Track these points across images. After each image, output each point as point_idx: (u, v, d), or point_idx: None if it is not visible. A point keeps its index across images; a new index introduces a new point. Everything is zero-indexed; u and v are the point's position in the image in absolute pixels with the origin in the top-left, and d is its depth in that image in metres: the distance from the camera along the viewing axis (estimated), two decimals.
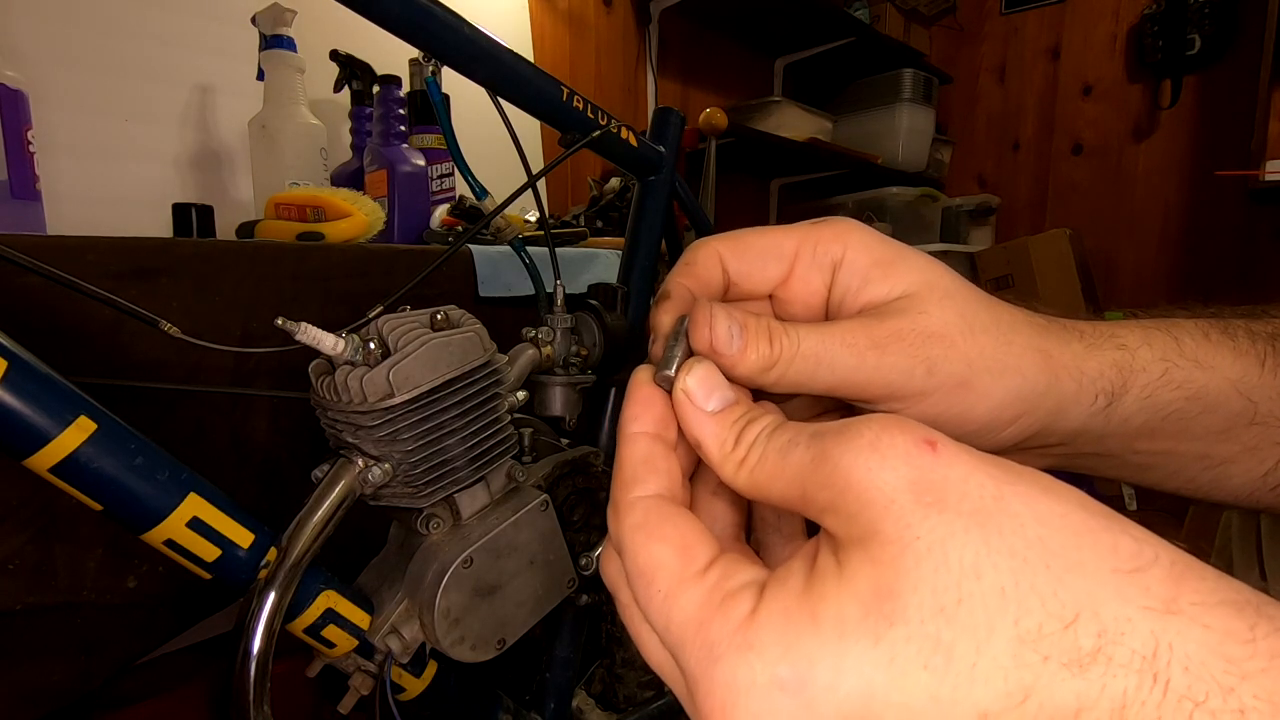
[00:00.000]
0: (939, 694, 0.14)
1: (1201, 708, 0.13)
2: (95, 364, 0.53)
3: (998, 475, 0.16)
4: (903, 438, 0.16)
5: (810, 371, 0.22)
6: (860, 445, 0.16)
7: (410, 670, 0.56)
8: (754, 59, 2.21)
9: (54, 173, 0.86)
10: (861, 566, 0.15)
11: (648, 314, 0.78)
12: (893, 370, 0.22)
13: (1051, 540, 0.15)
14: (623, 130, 0.71)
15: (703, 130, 1.57)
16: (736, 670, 0.15)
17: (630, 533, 0.19)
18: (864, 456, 0.16)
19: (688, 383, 0.20)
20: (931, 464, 0.16)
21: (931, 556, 0.15)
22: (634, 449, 0.20)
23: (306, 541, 0.44)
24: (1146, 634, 0.14)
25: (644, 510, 0.19)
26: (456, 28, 0.56)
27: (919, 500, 0.15)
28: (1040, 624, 0.14)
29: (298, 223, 0.79)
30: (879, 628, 0.15)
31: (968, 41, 2.50)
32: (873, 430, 0.16)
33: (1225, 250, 2.06)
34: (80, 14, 0.93)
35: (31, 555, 0.49)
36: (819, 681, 0.15)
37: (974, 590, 0.14)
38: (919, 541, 0.15)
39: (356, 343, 0.43)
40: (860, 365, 0.22)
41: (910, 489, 0.15)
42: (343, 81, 1.03)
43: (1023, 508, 0.15)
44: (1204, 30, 1.99)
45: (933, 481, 0.16)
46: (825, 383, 0.22)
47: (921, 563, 0.15)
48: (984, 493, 0.15)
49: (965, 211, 2.31)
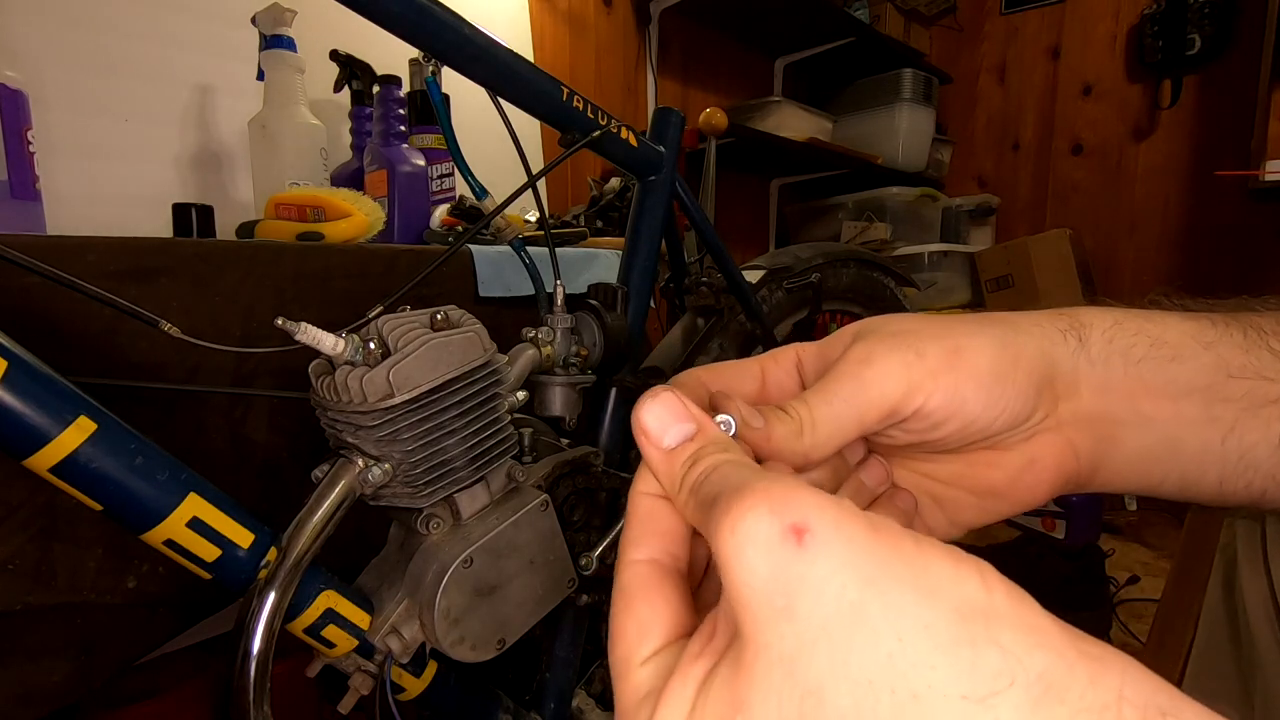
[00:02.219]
0: None
1: None
2: (95, 364, 0.53)
3: (867, 574, 0.14)
4: (767, 525, 0.15)
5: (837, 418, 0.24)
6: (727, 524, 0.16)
7: (410, 670, 0.56)
8: (754, 59, 2.21)
9: (54, 173, 0.86)
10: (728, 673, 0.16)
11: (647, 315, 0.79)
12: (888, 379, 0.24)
13: (902, 660, 0.13)
14: (623, 130, 0.71)
15: (703, 130, 1.57)
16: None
17: (617, 594, 0.20)
18: (729, 537, 0.15)
19: (644, 418, 0.20)
20: (791, 559, 0.15)
21: (779, 669, 0.14)
22: (637, 505, 0.21)
23: (306, 541, 0.44)
24: None
25: (630, 576, 0.20)
26: (456, 27, 0.56)
27: (770, 603, 0.15)
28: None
29: (298, 223, 0.79)
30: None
31: (968, 41, 2.50)
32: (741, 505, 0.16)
33: (1225, 250, 2.06)
34: (80, 14, 0.93)
35: (31, 555, 0.49)
36: None
37: (814, 712, 0.14)
38: (770, 650, 0.15)
39: (356, 343, 0.43)
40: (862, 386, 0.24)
41: (765, 588, 0.15)
42: (343, 81, 1.03)
43: (882, 617, 0.14)
44: (1204, 30, 1.99)
45: (789, 580, 0.14)
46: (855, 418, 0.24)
47: (771, 673, 0.15)
48: (843, 599, 0.14)
49: (965, 211, 2.31)
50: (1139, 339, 0.26)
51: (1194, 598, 0.45)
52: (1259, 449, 0.26)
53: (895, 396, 0.24)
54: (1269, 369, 0.26)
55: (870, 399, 0.24)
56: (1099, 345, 0.26)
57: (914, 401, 0.24)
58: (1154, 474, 0.27)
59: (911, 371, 0.24)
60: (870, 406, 0.24)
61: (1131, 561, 1.54)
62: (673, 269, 0.94)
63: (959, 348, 0.25)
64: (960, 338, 0.25)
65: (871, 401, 0.24)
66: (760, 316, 0.93)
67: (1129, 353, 0.26)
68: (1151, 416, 0.26)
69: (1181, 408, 0.26)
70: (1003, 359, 0.25)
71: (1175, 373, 0.26)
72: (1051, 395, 0.26)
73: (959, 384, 0.24)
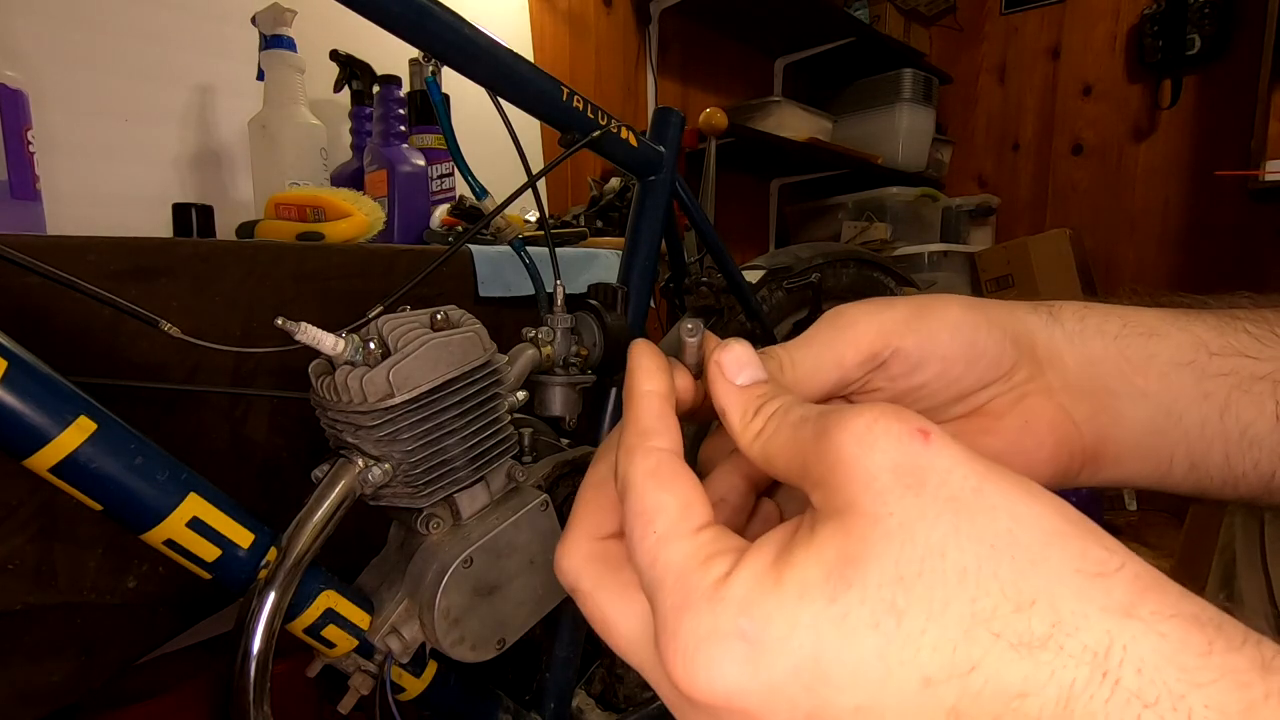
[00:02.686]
0: (886, 654, 0.15)
1: (1151, 709, 0.13)
2: (95, 364, 0.53)
3: (982, 470, 0.16)
4: (897, 424, 0.17)
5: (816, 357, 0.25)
6: (855, 426, 0.17)
7: (410, 670, 0.56)
8: (754, 59, 2.21)
9: (54, 173, 0.86)
10: (833, 536, 0.16)
11: (647, 315, 0.79)
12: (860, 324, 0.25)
13: (1021, 535, 0.15)
14: (623, 130, 0.71)
15: (703, 130, 1.57)
16: (701, 619, 0.16)
17: (644, 476, 0.19)
18: (856, 436, 0.17)
19: (723, 357, 0.22)
20: (919, 451, 0.16)
21: (901, 532, 0.16)
22: (650, 404, 0.21)
23: (306, 541, 0.44)
24: (1101, 632, 0.14)
25: (659, 460, 0.20)
26: (456, 27, 0.56)
27: (899, 481, 0.16)
28: (995, 606, 0.15)
29: (298, 223, 0.79)
30: (837, 589, 0.15)
31: (968, 41, 2.50)
32: (871, 414, 0.17)
33: (1225, 250, 2.06)
34: (80, 14, 0.93)
35: (31, 555, 0.49)
36: (773, 634, 0.16)
37: (936, 566, 0.15)
38: (891, 518, 0.16)
39: (356, 343, 0.43)
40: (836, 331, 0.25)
41: (893, 471, 0.16)
42: (343, 81, 1.03)
43: (1000, 501, 0.16)
44: (1204, 30, 1.99)
45: (917, 466, 0.16)
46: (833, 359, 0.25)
47: (890, 536, 0.16)
48: (965, 483, 0.16)
49: (965, 211, 2.31)
50: (1110, 318, 0.27)
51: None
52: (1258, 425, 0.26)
53: (868, 338, 0.25)
54: (1249, 348, 0.26)
55: (846, 340, 0.25)
56: (1071, 322, 0.27)
57: (889, 342, 0.25)
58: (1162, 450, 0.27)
59: (882, 317, 0.25)
60: (847, 347, 0.25)
61: None
62: (673, 269, 0.94)
63: (925, 303, 0.26)
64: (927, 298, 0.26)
65: (847, 343, 0.25)
66: (760, 316, 0.93)
67: (1103, 329, 0.27)
68: (1144, 389, 0.26)
69: (1172, 381, 0.26)
70: (970, 313, 0.26)
71: (1156, 348, 0.26)
72: (1033, 358, 0.26)
73: (931, 328, 0.25)
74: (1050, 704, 0.14)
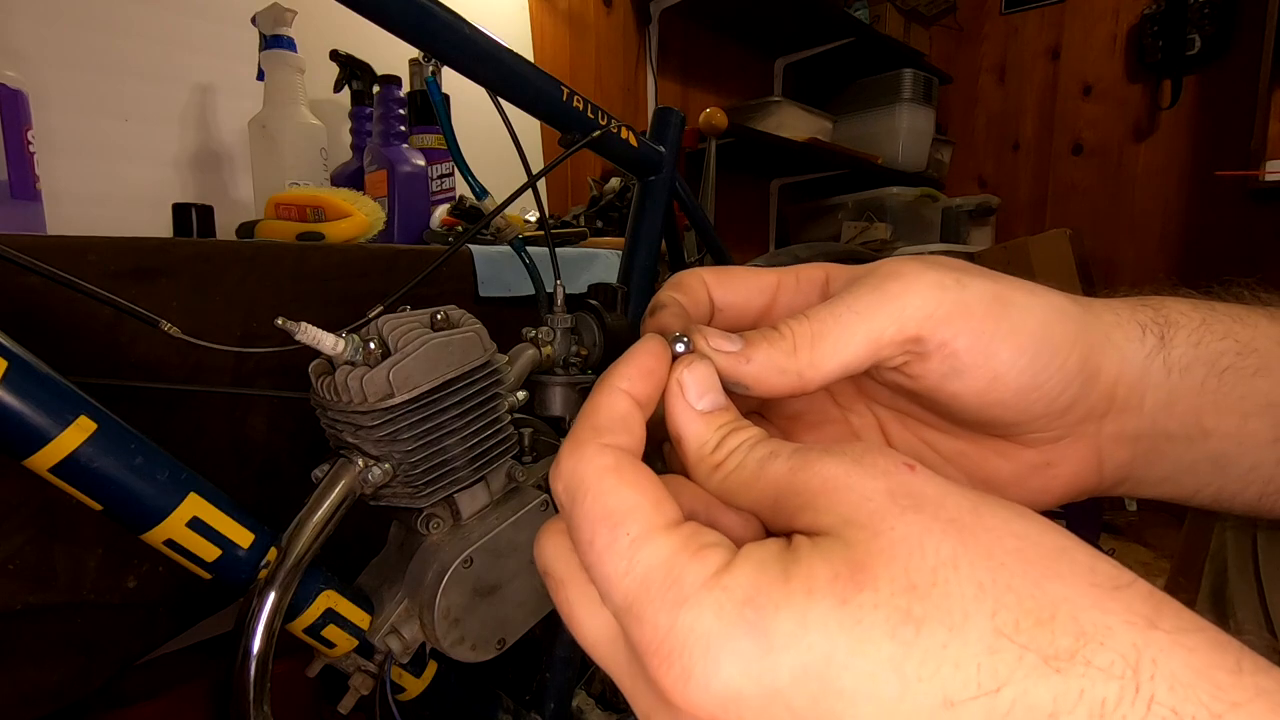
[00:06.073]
0: (904, 668, 0.13)
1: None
2: (95, 364, 0.53)
3: (974, 496, 0.16)
4: (883, 458, 0.17)
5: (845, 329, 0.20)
6: (843, 458, 0.17)
7: (410, 670, 0.56)
8: (754, 59, 2.21)
9: (54, 173, 0.86)
10: (834, 544, 0.15)
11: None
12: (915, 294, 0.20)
13: (1029, 551, 0.15)
14: (623, 130, 0.71)
15: (703, 130, 1.57)
16: (702, 613, 0.15)
17: (601, 473, 0.17)
18: (844, 466, 0.16)
19: (684, 376, 0.20)
20: (909, 479, 0.16)
21: (907, 543, 0.15)
22: (616, 401, 0.19)
23: (306, 541, 0.44)
24: (1128, 645, 0.13)
25: (617, 457, 0.17)
26: (456, 28, 0.56)
27: (895, 503, 0.15)
28: (1017, 620, 0.13)
29: (298, 223, 0.79)
30: (847, 591, 0.14)
31: (968, 41, 2.50)
32: (856, 449, 0.17)
33: (1225, 250, 2.06)
34: (80, 14, 0.93)
35: (31, 555, 0.49)
36: (781, 630, 0.14)
37: (950, 577, 0.14)
38: (894, 531, 0.15)
39: (356, 343, 0.43)
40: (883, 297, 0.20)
41: (888, 494, 0.16)
42: (343, 81, 1.03)
43: (999, 524, 0.15)
44: (1204, 30, 1.99)
45: (911, 490, 0.16)
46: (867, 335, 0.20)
47: (896, 546, 0.15)
48: (961, 507, 0.15)
49: (965, 211, 2.31)
50: (1227, 344, 0.23)
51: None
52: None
53: (919, 317, 0.20)
54: None
55: (890, 313, 0.20)
56: (1182, 348, 0.23)
57: (940, 331, 0.20)
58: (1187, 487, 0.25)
59: (946, 295, 0.20)
60: (889, 322, 0.20)
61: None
62: (673, 269, 0.94)
63: (1006, 298, 0.21)
64: (1013, 290, 0.21)
65: (891, 316, 0.20)
66: None
67: (1216, 361, 0.23)
68: (1210, 431, 0.23)
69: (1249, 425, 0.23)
70: (1058, 329, 0.21)
71: (1256, 387, 0.23)
72: (1101, 396, 0.22)
73: (996, 332, 0.20)
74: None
